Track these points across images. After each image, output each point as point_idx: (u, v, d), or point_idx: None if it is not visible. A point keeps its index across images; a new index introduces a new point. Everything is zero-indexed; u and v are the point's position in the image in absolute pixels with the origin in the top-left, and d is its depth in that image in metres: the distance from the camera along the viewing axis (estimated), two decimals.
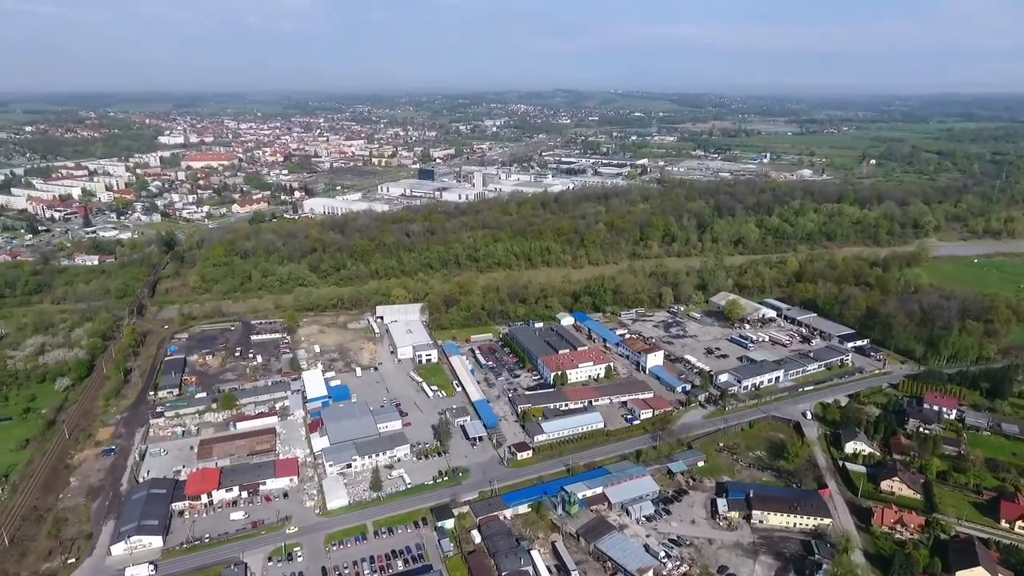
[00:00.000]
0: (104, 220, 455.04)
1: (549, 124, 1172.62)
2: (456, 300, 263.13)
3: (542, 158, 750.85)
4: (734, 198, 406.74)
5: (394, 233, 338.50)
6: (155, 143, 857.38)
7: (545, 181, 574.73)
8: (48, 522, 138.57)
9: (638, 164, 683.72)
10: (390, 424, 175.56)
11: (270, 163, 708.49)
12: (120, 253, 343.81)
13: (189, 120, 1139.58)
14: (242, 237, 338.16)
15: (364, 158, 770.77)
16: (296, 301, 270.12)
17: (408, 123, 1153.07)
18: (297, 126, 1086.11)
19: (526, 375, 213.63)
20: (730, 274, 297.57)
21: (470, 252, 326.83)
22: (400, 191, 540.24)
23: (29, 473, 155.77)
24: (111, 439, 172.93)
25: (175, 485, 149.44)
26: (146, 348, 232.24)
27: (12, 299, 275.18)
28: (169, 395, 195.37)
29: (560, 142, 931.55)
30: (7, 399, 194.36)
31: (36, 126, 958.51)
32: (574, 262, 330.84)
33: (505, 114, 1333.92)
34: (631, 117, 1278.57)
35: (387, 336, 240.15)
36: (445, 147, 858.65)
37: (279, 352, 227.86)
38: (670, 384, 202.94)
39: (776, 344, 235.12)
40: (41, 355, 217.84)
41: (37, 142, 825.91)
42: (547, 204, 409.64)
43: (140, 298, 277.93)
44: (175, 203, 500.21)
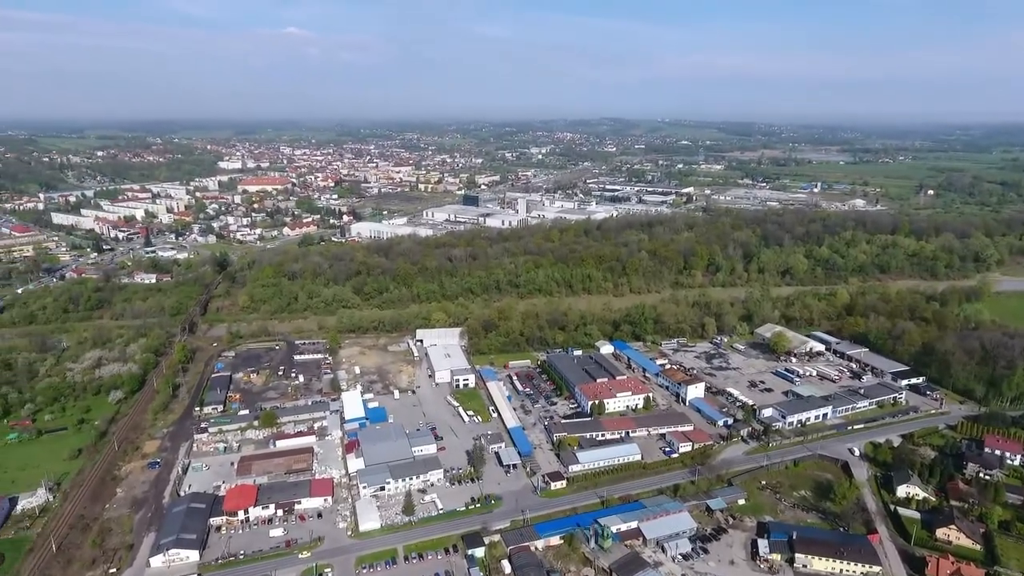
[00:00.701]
0: (163, 240, 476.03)
1: (594, 152, 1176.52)
2: (495, 325, 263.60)
3: (586, 185, 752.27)
4: (782, 227, 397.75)
5: (437, 258, 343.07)
6: (215, 168, 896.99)
7: (588, 208, 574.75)
8: (93, 531, 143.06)
9: (683, 192, 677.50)
10: (425, 448, 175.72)
11: (321, 188, 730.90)
12: (176, 272, 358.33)
13: (247, 146, 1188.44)
14: (291, 259, 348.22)
15: (411, 184, 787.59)
16: (339, 323, 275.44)
17: (455, 150, 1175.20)
18: (349, 152, 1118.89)
19: (563, 403, 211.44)
20: (776, 305, 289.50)
21: (511, 278, 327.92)
22: (444, 216, 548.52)
23: (79, 482, 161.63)
24: (157, 452, 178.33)
25: (214, 500, 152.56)
26: (195, 364, 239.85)
27: (75, 314, 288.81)
28: (214, 411, 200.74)
29: (605, 170, 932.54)
30: (64, 410, 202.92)
31: (107, 151, 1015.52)
32: (615, 290, 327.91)
33: (551, 142, 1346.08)
34: (678, 145, 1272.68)
35: (426, 359, 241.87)
36: (490, 174, 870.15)
37: (320, 372, 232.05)
38: (711, 417, 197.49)
39: (824, 379, 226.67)
40: (98, 368, 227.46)
41: (107, 166, 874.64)
42: (590, 231, 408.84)
43: (192, 316, 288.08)
44: (230, 225, 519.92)
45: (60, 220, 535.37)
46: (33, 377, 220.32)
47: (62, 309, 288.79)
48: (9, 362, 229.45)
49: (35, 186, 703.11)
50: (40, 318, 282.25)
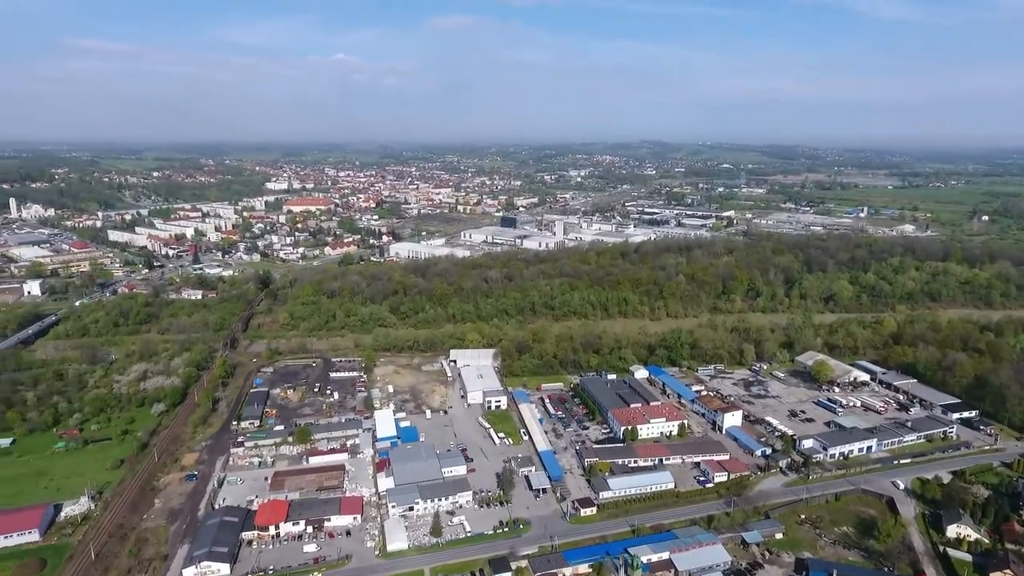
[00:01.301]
0: (211, 258, 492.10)
1: (633, 175, 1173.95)
2: (529, 347, 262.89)
3: (624, 208, 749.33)
4: (826, 253, 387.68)
5: (473, 278, 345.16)
6: (262, 188, 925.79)
7: (626, 231, 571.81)
8: (131, 541, 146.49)
9: (724, 216, 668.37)
10: (455, 469, 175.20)
11: (363, 208, 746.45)
12: (221, 289, 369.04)
13: (294, 168, 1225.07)
14: (330, 278, 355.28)
15: (450, 205, 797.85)
16: (375, 341, 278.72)
17: (494, 172, 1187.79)
18: (391, 174, 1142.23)
19: (595, 428, 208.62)
20: (819, 333, 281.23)
21: (546, 300, 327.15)
22: (482, 238, 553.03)
23: (120, 492, 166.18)
24: (194, 465, 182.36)
25: (247, 514, 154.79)
26: (234, 379, 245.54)
27: (125, 328, 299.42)
28: (250, 426, 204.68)
29: (644, 193, 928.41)
30: (109, 420, 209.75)
31: (162, 172, 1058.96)
32: (652, 314, 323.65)
33: (590, 164, 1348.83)
34: (719, 169, 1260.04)
35: (459, 380, 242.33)
36: (529, 196, 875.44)
37: (355, 390, 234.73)
38: (748, 447, 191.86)
39: (869, 410, 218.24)
40: (143, 381, 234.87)
41: (161, 186, 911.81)
42: (627, 254, 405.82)
43: (234, 332, 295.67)
44: (274, 244, 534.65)
45: (116, 237, 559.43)
46: (82, 388, 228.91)
47: (113, 323, 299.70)
48: (61, 373, 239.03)
49: (95, 205, 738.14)
50: (92, 331, 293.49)
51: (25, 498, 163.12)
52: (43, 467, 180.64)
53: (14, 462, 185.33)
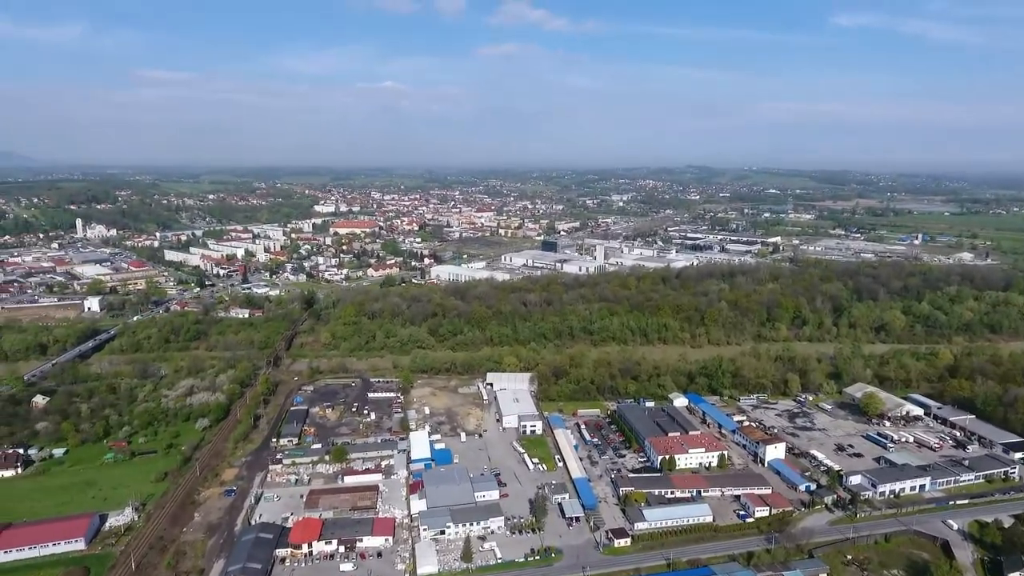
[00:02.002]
0: (259, 278, 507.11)
1: (677, 200, 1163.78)
2: (566, 372, 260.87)
3: (667, 233, 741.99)
4: (877, 281, 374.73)
5: (511, 302, 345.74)
6: (311, 211, 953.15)
7: (668, 256, 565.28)
8: (170, 553, 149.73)
9: (770, 242, 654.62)
10: (487, 494, 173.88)
11: (406, 231, 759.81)
12: (267, 308, 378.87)
13: (341, 191, 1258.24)
14: (371, 299, 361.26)
15: (492, 229, 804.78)
16: (413, 362, 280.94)
17: (536, 196, 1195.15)
18: (434, 198, 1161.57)
19: (632, 456, 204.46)
20: (869, 364, 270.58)
21: (585, 324, 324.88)
22: (522, 261, 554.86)
23: (162, 504, 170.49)
24: (234, 480, 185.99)
25: (281, 532, 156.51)
26: (276, 397, 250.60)
27: (175, 344, 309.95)
28: (289, 443, 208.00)
29: (687, 218, 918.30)
30: (156, 434, 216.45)
31: (217, 195, 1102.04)
32: (693, 340, 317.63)
33: (633, 189, 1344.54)
34: (765, 194, 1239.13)
35: (494, 403, 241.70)
36: (570, 220, 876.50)
37: (391, 411, 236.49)
38: (792, 481, 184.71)
39: (922, 447, 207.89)
40: (189, 396, 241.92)
41: (216, 208, 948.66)
42: (668, 279, 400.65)
43: (278, 350, 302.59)
44: (319, 265, 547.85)
45: (171, 257, 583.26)
46: (132, 401, 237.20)
47: (164, 339, 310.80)
48: (114, 386, 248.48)
49: (153, 225, 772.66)
50: (145, 346, 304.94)
51: (74, 507, 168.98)
52: (92, 477, 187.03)
53: (66, 471, 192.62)
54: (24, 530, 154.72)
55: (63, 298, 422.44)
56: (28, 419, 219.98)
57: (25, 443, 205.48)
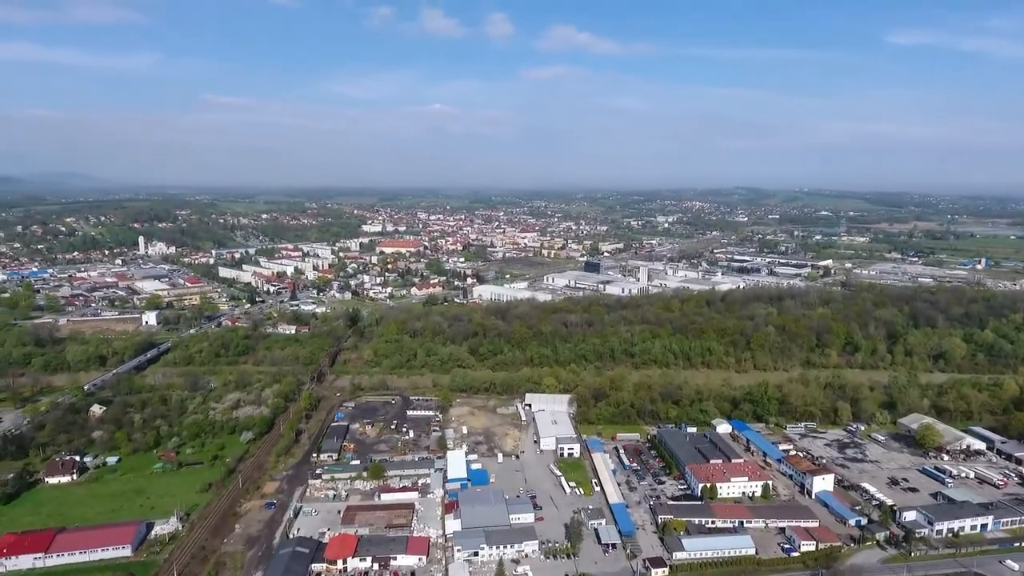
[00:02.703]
0: (306, 295, 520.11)
1: (724, 221, 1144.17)
2: (606, 395, 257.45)
3: (713, 255, 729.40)
4: (935, 307, 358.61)
5: (552, 322, 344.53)
6: (359, 231, 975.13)
7: (713, 279, 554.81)
8: (210, 563, 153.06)
9: (820, 265, 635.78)
10: (522, 516, 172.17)
11: (450, 251, 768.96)
12: (313, 325, 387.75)
13: (389, 212, 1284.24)
14: (414, 317, 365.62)
15: (535, 249, 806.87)
16: (452, 381, 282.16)
17: (581, 217, 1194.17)
18: (479, 219, 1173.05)
19: (671, 483, 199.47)
20: (926, 393, 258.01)
21: (626, 347, 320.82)
22: (564, 282, 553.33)
23: (205, 515, 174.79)
24: (274, 493, 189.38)
25: (317, 547, 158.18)
26: (318, 412, 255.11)
27: (225, 358, 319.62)
28: (328, 459, 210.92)
29: (734, 240, 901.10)
30: (203, 445, 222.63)
31: (270, 214, 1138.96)
32: (738, 365, 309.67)
33: (679, 210, 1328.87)
34: (816, 216, 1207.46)
35: (532, 425, 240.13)
36: (614, 241, 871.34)
37: (430, 429, 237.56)
38: (840, 514, 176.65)
39: (984, 483, 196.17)
40: (236, 409, 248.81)
41: (269, 227, 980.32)
42: (713, 302, 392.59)
43: (321, 366, 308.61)
44: (365, 283, 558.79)
45: (225, 274, 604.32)
46: (182, 413, 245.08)
47: (215, 353, 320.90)
48: (166, 398, 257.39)
49: (209, 243, 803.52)
50: (196, 360, 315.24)
51: (123, 514, 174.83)
52: (141, 486, 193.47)
53: (117, 479, 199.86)
54: (76, 535, 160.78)
55: (123, 312, 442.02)
56: (85, 428, 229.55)
57: (81, 450, 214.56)
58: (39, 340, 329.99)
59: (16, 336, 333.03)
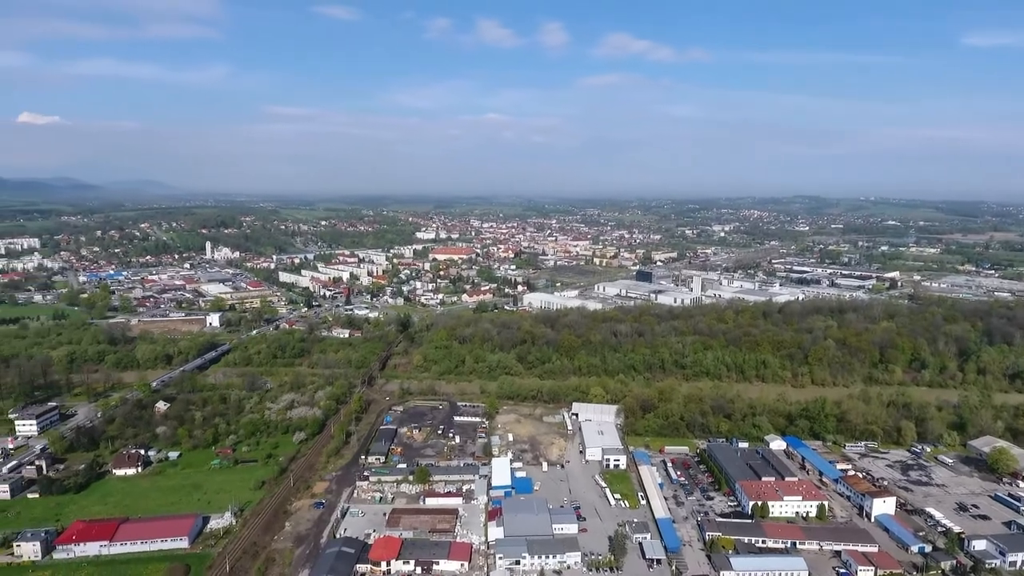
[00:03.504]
0: (360, 300, 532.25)
1: (783, 231, 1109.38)
2: (654, 406, 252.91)
3: (771, 265, 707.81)
4: (1013, 323, 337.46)
5: (601, 332, 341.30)
6: (413, 237, 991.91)
7: (771, 290, 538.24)
8: (260, 559, 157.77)
9: (886, 277, 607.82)
10: (565, 527, 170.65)
11: (501, 258, 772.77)
12: (366, 329, 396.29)
13: (442, 219, 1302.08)
14: (463, 324, 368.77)
15: (587, 258, 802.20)
16: (499, 388, 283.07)
17: (634, 226, 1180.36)
18: (531, 226, 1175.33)
19: (721, 499, 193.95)
20: (1000, 415, 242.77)
21: (677, 358, 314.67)
22: (616, 291, 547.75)
23: (258, 511, 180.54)
24: (323, 493, 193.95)
25: (363, 548, 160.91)
26: (368, 415, 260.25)
27: (282, 360, 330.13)
28: (376, 461, 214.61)
29: (794, 250, 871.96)
30: (258, 444, 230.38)
31: (329, 221, 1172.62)
32: (794, 380, 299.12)
33: (736, 219, 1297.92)
34: (882, 226, 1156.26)
35: (579, 434, 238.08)
36: (668, 250, 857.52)
37: (476, 435, 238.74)
38: (902, 540, 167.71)
39: None
40: (290, 410, 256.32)
41: (327, 233, 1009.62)
42: (769, 314, 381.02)
43: (372, 370, 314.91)
44: (417, 289, 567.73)
45: (284, 278, 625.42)
46: (240, 412, 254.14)
47: (272, 355, 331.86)
48: (225, 397, 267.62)
49: (271, 249, 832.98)
50: (255, 361, 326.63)
51: (181, 507, 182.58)
52: (200, 481, 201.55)
53: (178, 474, 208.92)
54: (138, 525, 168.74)
55: (190, 313, 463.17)
56: (151, 423, 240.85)
57: (146, 444, 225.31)
58: (112, 339, 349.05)
59: (92, 335, 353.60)
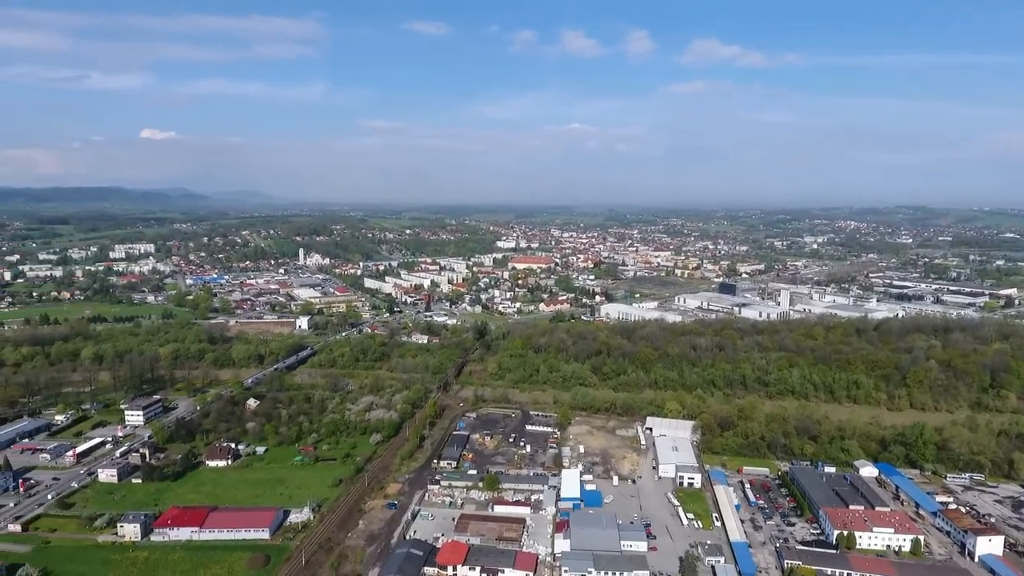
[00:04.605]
0: (440, 307, 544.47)
1: (883, 243, 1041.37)
2: (734, 424, 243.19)
3: (867, 280, 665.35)
4: None
5: (680, 345, 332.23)
6: (493, 246, 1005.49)
7: (867, 306, 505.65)
8: (334, 555, 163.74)
9: (1001, 294, 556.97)
10: (634, 544, 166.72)
11: (580, 268, 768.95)
12: (444, 336, 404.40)
13: (523, 228, 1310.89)
14: (539, 333, 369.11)
15: (668, 269, 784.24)
16: (573, 399, 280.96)
17: (719, 236, 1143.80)
18: (612, 236, 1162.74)
19: (803, 525, 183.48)
20: None
21: (760, 374, 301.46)
22: (697, 303, 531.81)
23: (334, 508, 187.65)
24: (396, 495, 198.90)
25: (431, 551, 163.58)
26: (442, 420, 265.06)
27: (363, 363, 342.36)
28: (448, 466, 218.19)
29: (895, 263, 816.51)
30: (338, 443, 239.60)
31: (413, 230, 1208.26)
32: (890, 402, 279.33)
33: (830, 231, 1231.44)
34: (999, 238, 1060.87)
35: (652, 449, 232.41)
36: (755, 262, 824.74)
37: (547, 445, 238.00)
38: None
39: None
40: (368, 412, 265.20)
41: (411, 241, 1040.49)
42: (864, 331, 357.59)
43: (448, 376, 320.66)
44: (495, 298, 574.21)
45: (369, 284, 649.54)
46: (322, 411, 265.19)
47: (354, 358, 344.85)
48: (309, 397, 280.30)
49: (358, 256, 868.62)
50: (338, 363, 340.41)
51: (264, 500, 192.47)
52: (283, 476, 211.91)
53: (264, 468, 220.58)
54: (225, 514, 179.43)
55: (282, 316, 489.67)
56: (241, 419, 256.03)
57: (237, 439, 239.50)
58: (212, 338, 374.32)
59: (195, 334, 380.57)
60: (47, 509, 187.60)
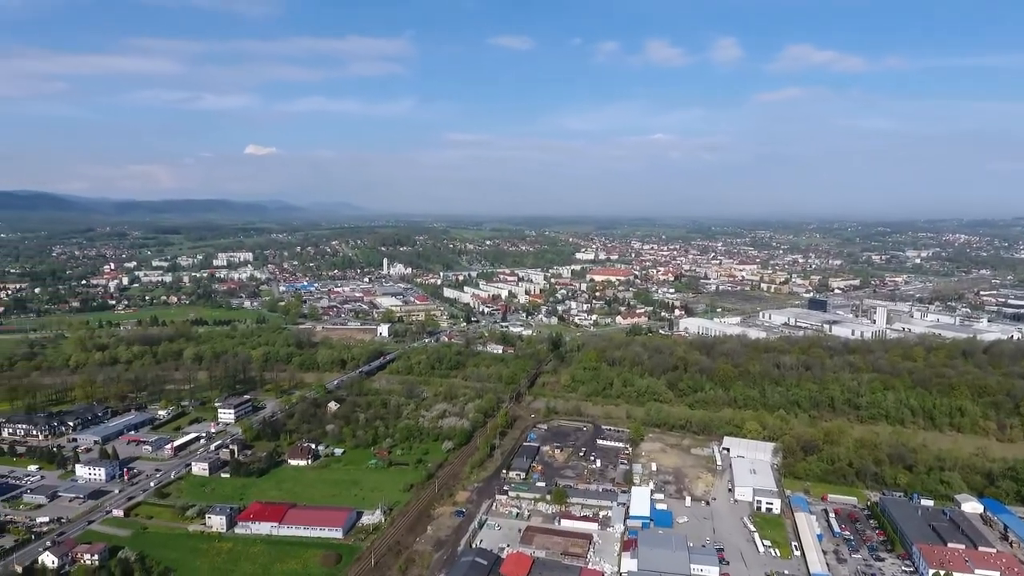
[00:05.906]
0: (516, 318, 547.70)
1: (998, 258, 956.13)
2: (819, 448, 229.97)
3: (978, 298, 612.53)
4: None
5: (763, 362, 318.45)
6: (572, 258, 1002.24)
7: (976, 326, 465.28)
8: (402, 558, 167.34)
9: None
10: (705, 568, 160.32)
11: (660, 281, 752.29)
12: (518, 346, 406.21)
13: (603, 240, 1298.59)
14: (614, 347, 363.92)
15: (753, 283, 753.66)
16: (646, 415, 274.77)
17: (810, 250, 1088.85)
18: (694, 249, 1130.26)
19: (893, 561, 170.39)
20: None
21: (850, 397, 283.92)
22: (783, 320, 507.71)
23: (404, 513, 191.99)
24: (464, 503, 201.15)
25: (496, 561, 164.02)
26: (512, 431, 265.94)
27: (439, 371, 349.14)
28: (516, 477, 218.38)
29: (1011, 280, 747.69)
30: (411, 448, 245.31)
31: (493, 240, 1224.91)
32: (999, 432, 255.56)
33: (936, 244, 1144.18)
34: None
35: (728, 471, 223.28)
36: (849, 277, 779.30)
37: (618, 461, 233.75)
38: None
39: None
40: (441, 419, 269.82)
41: (490, 252, 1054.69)
42: (972, 354, 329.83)
43: (520, 387, 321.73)
44: (571, 309, 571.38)
45: (448, 294, 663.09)
46: (398, 417, 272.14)
47: (431, 365, 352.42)
48: (386, 402, 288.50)
49: (439, 266, 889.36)
50: (415, 370, 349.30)
51: (339, 500, 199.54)
52: (357, 478, 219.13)
53: (341, 469, 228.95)
54: (302, 512, 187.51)
55: (364, 323, 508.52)
56: (322, 421, 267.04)
57: (317, 439, 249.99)
58: (299, 342, 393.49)
59: (284, 338, 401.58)
60: (147, 497, 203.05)
